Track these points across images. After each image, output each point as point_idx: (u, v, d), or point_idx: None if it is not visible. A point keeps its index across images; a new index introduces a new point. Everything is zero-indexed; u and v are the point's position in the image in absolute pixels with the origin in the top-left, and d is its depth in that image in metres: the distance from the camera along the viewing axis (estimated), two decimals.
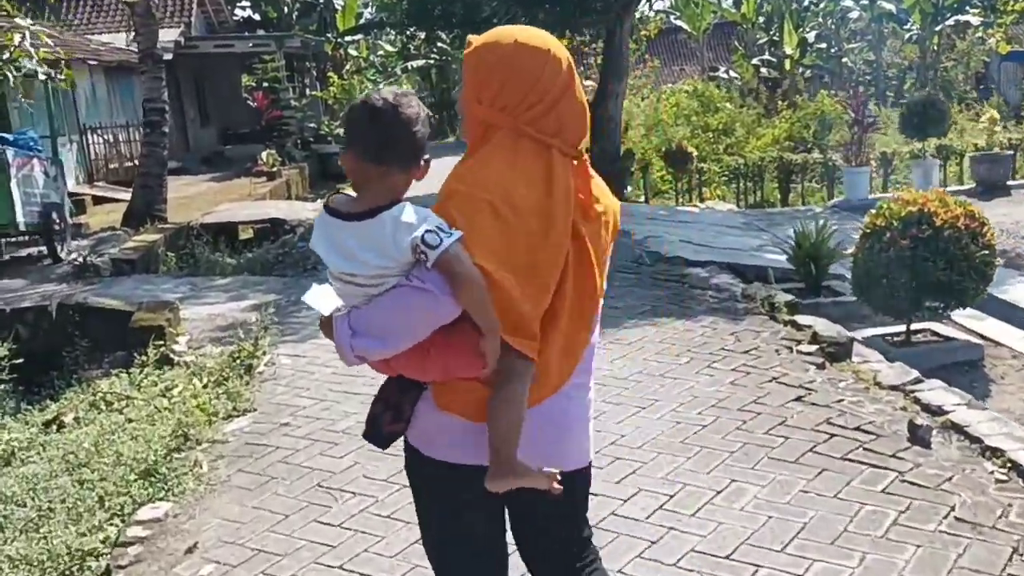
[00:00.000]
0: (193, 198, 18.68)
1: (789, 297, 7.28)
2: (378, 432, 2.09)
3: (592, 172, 2.12)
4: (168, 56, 25.66)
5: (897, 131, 16.62)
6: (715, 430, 4.66)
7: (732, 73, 38.44)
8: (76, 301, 7.40)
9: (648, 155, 18.12)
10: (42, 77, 11.23)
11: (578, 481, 2.20)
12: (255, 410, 5.54)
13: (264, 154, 21.65)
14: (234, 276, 9.91)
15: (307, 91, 30.47)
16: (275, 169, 20.85)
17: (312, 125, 27.19)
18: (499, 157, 2.01)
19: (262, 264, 10.80)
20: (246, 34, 26.88)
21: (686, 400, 5.10)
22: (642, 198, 17.23)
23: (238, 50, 26.98)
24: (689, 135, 19.76)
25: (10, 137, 10.45)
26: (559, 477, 2.02)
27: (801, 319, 6.67)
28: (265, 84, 25.87)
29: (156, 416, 5.54)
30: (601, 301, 2.19)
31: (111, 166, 20.87)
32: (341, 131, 26.19)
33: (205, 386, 6.05)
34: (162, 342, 6.91)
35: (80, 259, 9.72)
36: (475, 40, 2.07)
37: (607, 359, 5.92)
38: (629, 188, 16.70)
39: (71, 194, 19.13)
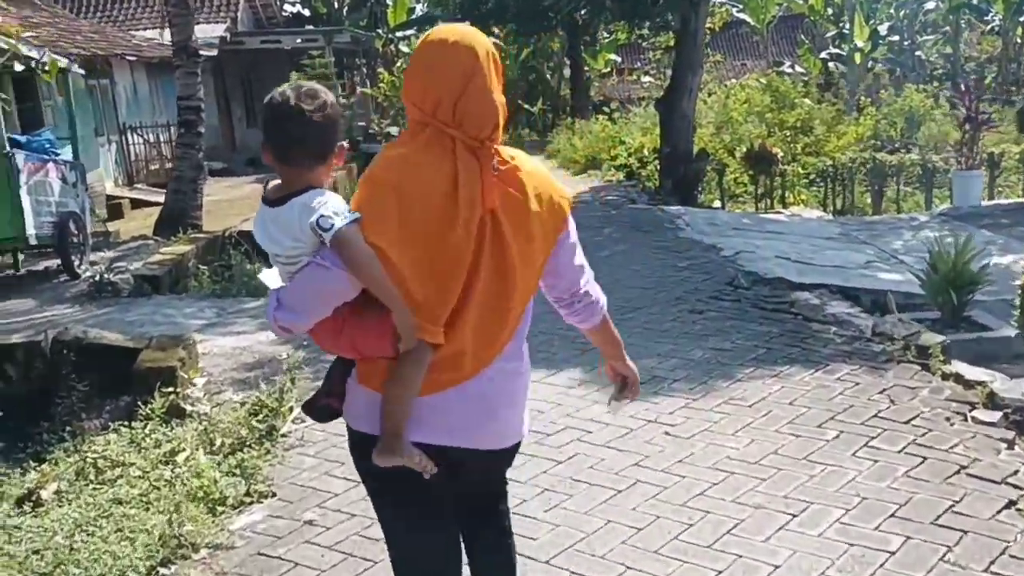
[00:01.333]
0: (233, 202, 17.63)
1: (940, 338, 5.85)
2: (312, 405, 2.30)
3: (520, 154, 2.20)
4: (213, 52, 24.81)
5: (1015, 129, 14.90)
6: (911, 563, 3.28)
7: (798, 68, 36.67)
8: (74, 335, 6.23)
9: (720, 155, 16.64)
10: (63, 64, 10.14)
11: (505, 458, 2.36)
12: (274, 495, 4.30)
13: None
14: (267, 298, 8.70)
15: (356, 88, 29.43)
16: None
17: (361, 124, 26.11)
18: (409, 145, 2.14)
19: None
20: (294, 29, 25.83)
21: (851, 504, 3.73)
22: (717, 202, 15.76)
23: (286, 46, 26.00)
24: (765, 133, 18.23)
25: (22, 139, 9.38)
26: (434, 469, 2.13)
27: (964, 370, 5.26)
28: (313, 81, 24.84)
29: (152, 495, 4.34)
30: (531, 296, 2.27)
31: (151, 167, 19.95)
32: (392, 130, 25.16)
33: (216, 452, 4.84)
34: (173, 388, 5.72)
35: (97, 276, 8.60)
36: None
37: (727, 430, 4.57)
38: (703, 193, 15.26)
39: (108, 197, 18.35)
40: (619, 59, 39.02)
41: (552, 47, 36.95)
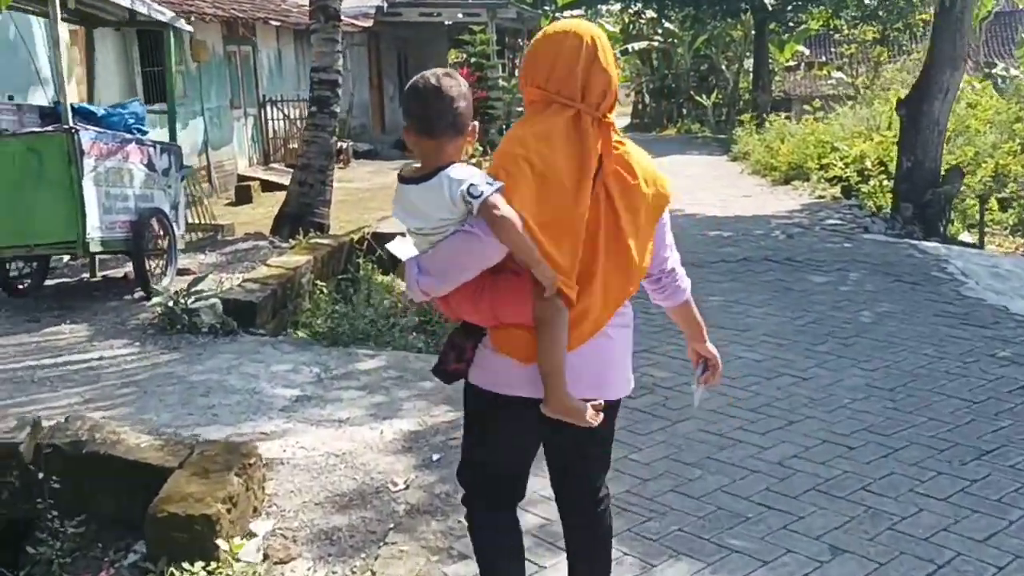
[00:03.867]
0: (375, 192, 15.45)
1: None
2: (443, 369, 2.43)
3: (629, 142, 2.40)
4: (368, 23, 22.87)
5: None
6: None
7: (1013, 71, 31.96)
8: (72, 439, 3.89)
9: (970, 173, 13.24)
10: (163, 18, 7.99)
11: (615, 408, 2.55)
12: None
13: None
14: (394, 351, 6.25)
15: (517, 70, 27.03)
16: (474, 160, 17.39)
17: (521, 109, 23.73)
18: (536, 120, 2.33)
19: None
20: (456, 2, 23.59)
21: None
22: (963, 234, 12.41)
23: (446, 20, 23.79)
24: (1017, 148, 14.67)
25: (98, 111, 7.24)
26: (601, 407, 2.37)
27: None
28: (473, 60, 22.51)
29: None
30: (644, 265, 2.43)
31: (290, 146, 18.02)
32: None
33: None
34: (206, 564, 3.31)
35: (171, 303, 6.33)
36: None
37: None
38: (952, 223, 11.97)
39: (239, 178, 16.53)
40: (807, 51, 35.21)
41: (732, 34, 33.56)
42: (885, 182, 13.13)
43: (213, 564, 3.34)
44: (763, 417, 4.92)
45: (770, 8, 28.36)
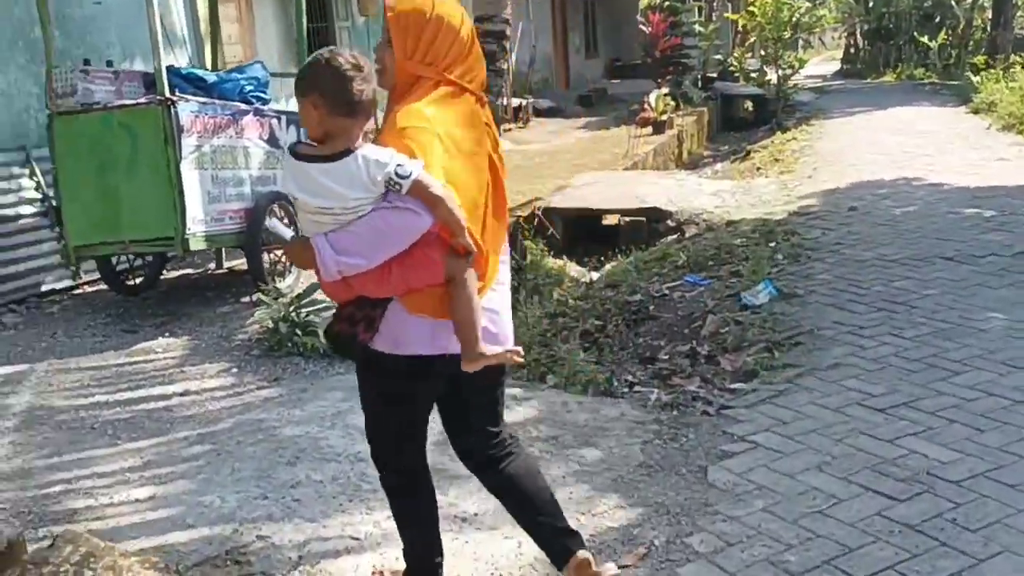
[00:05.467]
0: (552, 157, 13.93)
1: None
2: (352, 342, 2.35)
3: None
4: None
5: None
6: None
7: None
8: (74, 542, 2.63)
9: None
10: None
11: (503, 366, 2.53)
12: None
13: (653, 96, 16.33)
14: (551, 389, 4.74)
15: (713, 13, 24.61)
16: (664, 117, 15.48)
17: (718, 57, 21.43)
18: (431, 101, 2.31)
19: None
20: None
21: None
22: None
23: None
24: None
25: (210, 77, 6.04)
26: (519, 349, 2.47)
27: None
28: (666, 4, 20.37)
29: None
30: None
31: None
32: (751, 63, 20.16)
33: None
34: None
35: (273, 322, 5.07)
36: (394, 5, 2.34)
37: None
38: None
39: None
40: None
41: None
42: None
43: None
44: None
45: None
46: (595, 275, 8.38)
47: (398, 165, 2.16)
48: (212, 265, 7.02)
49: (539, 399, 4.49)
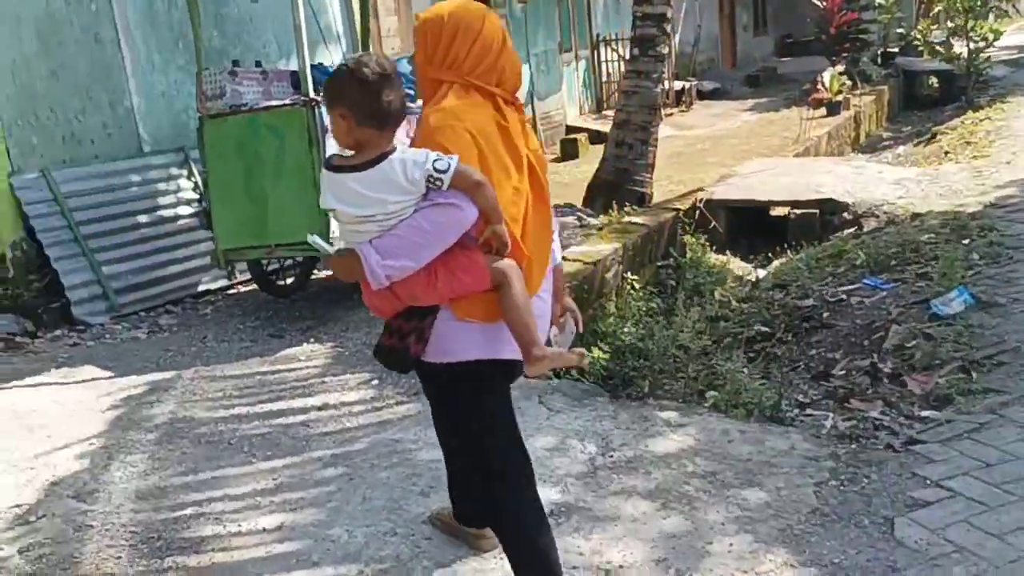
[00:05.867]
0: (716, 142, 13.25)
1: None
2: (405, 356, 2.32)
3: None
4: None
5: None
6: None
7: None
8: None
9: None
10: None
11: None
12: None
13: (827, 74, 15.28)
14: (711, 413, 4.29)
15: None
16: (840, 97, 14.45)
17: (900, 30, 19.91)
18: (459, 102, 2.30)
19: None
20: None
21: None
22: None
23: None
24: None
25: None
26: (582, 350, 2.42)
27: None
28: None
29: None
30: (555, 229, 2.54)
31: None
32: (936, 34, 18.58)
33: None
34: None
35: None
36: (421, 15, 2.39)
37: None
38: None
39: (567, 129, 15.06)
40: None
41: None
42: None
43: None
44: None
45: None
46: (761, 273, 7.79)
47: (435, 160, 2.14)
48: None
49: (696, 424, 4.06)
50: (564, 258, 6.53)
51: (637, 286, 6.82)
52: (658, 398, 4.55)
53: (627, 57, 9.90)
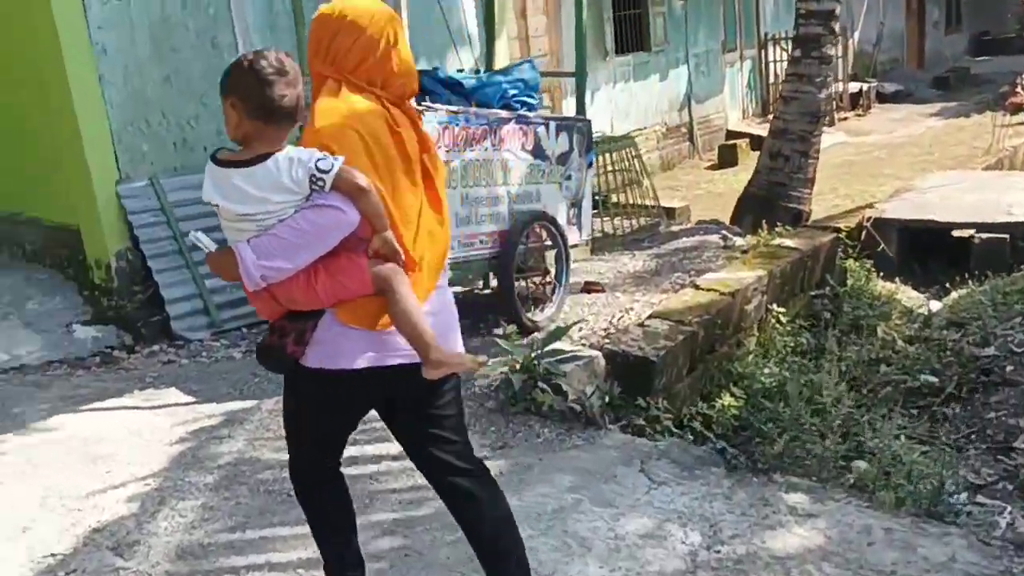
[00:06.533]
0: (893, 151, 12.01)
1: None
2: (282, 355, 2.26)
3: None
4: None
5: None
6: None
7: None
8: None
9: None
10: None
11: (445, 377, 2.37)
12: None
13: None
14: (852, 493, 3.51)
15: None
16: None
17: None
18: (344, 100, 2.24)
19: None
20: None
21: None
22: None
23: None
24: None
25: (468, 80, 5.34)
26: (483, 358, 2.37)
27: None
28: None
29: None
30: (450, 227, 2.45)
31: None
32: None
33: None
34: None
35: (521, 362, 4.28)
36: (317, 13, 2.32)
37: None
38: None
39: (728, 135, 14.11)
40: None
41: None
42: None
43: None
44: None
45: None
46: (935, 306, 6.76)
47: (319, 160, 2.11)
48: (480, 284, 6.41)
49: (830, 515, 3.30)
50: (696, 286, 5.86)
51: (784, 319, 6.01)
52: (787, 470, 3.80)
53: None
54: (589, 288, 6.03)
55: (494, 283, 5.92)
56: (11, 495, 3.77)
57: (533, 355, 4.35)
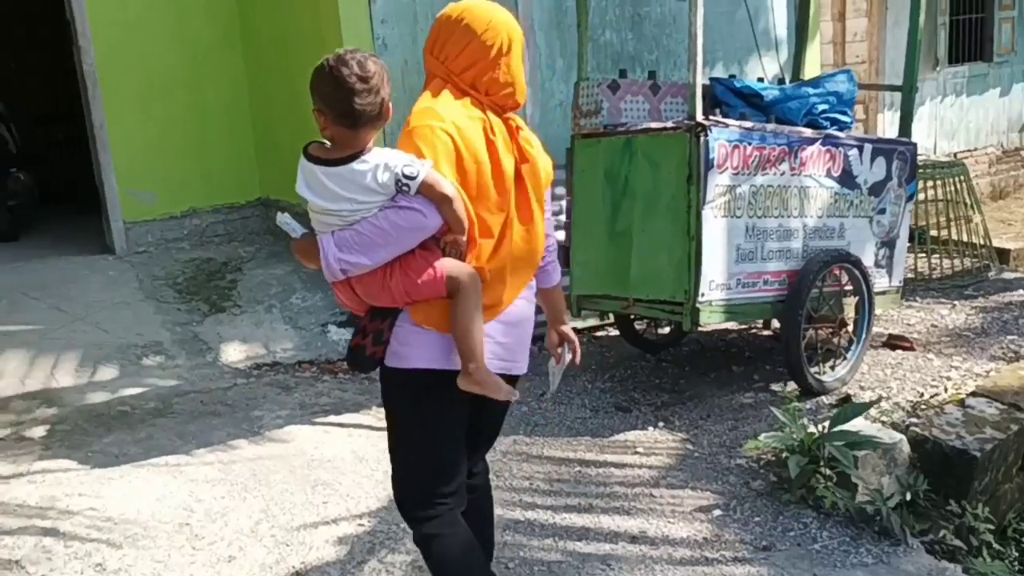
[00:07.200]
0: None
1: None
2: (362, 355, 2.29)
3: (526, 128, 2.36)
4: None
5: None
6: None
7: None
8: None
9: None
10: None
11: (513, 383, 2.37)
12: None
13: None
14: None
15: None
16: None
17: None
18: (444, 100, 2.22)
19: None
20: None
21: None
22: None
23: None
24: None
25: (771, 92, 4.53)
26: (516, 394, 2.32)
27: None
28: None
29: None
30: (543, 245, 2.40)
31: None
32: None
33: None
34: None
35: (799, 441, 3.50)
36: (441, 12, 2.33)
37: None
38: None
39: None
40: None
41: None
42: None
43: None
44: None
45: None
46: None
47: (405, 165, 2.10)
48: (760, 321, 5.61)
49: None
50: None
51: None
52: None
53: None
54: (894, 343, 5.04)
55: (776, 324, 5.11)
56: (230, 513, 3.57)
57: (817, 436, 3.54)
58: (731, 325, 5.53)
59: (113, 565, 3.16)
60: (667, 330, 5.40)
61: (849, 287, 4.66)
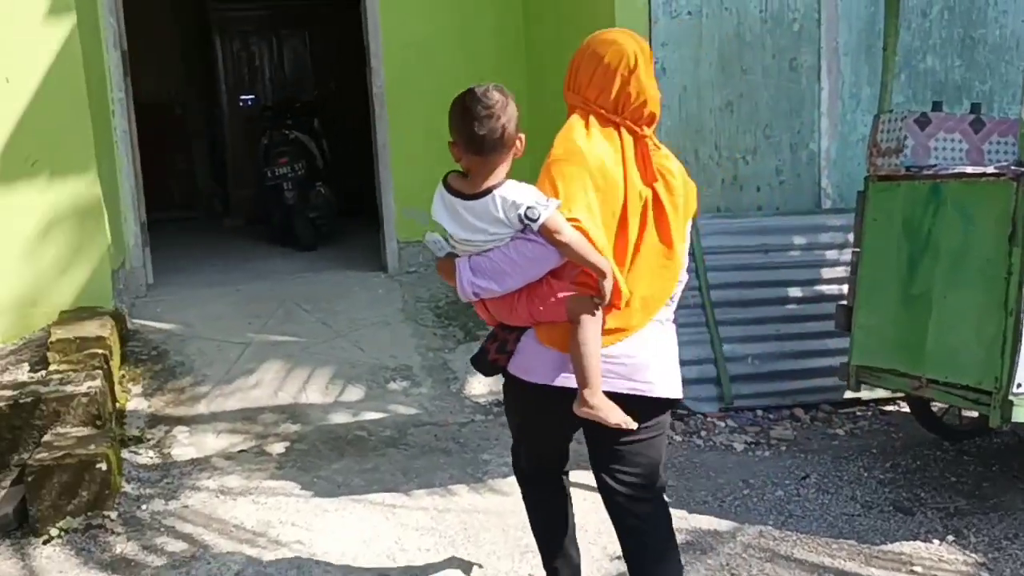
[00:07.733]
0: None
1: None
2: (484, 360, 2.47)
3: (668, 152, 2.41)
4: None
5: None
6: None
7: None
8: None
9: None
10: None
11: (661, 406, 2.43)
12: None
13: None
14: None
15: None
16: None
17: None
18: (584, 132, 2.33)
19: None
20: None
21: None
22: None
23: None
24: None
25: None
26: (634, 425, 2.30)
27: None
28: None
29: None
30: (684, 264, 2.42)
31: None
32: None
33: None
34: None
35: None
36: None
37: None
38: None
39: None
40: None
41: None
42: None
43: None
44: None
45: None
46: None
47: (528, 208, 2.21)
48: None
49: None
50: None
51: None
52: None
53: None
54: None
55: None
56: (430, 571, 3.29)
57: None
58: None
59: None
60: (975, 414, 4.47)
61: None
